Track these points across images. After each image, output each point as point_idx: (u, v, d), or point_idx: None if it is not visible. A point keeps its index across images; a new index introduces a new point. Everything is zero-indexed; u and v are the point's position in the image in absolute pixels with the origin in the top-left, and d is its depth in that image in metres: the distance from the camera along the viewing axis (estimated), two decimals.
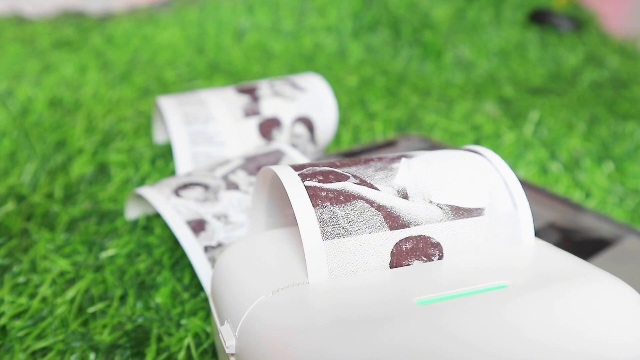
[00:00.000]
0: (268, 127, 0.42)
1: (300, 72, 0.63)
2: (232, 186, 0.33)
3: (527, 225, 0.25)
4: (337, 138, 0.50)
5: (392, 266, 0.22)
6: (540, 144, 0.48)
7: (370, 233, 0.22)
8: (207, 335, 0.29)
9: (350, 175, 0.24)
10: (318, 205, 0.22)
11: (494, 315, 0.19)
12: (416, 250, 0.23)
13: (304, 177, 0.23)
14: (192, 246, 0.30)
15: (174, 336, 0.29)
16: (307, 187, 0.23)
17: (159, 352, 0.28)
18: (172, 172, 0.42)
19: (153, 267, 0.33)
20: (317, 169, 0.24)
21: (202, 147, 0.40)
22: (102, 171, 0.43)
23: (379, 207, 0.23)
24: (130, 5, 0.85)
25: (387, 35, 0.73)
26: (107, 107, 0.54)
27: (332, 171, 0.24)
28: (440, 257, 0.23)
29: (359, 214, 0.23)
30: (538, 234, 0.36)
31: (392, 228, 0.23)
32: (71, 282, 0.32)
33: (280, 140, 0.41)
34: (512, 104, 0.57)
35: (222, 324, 0.22)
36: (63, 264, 0.33)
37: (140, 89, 0.58)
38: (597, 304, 0.20)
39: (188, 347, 0.28)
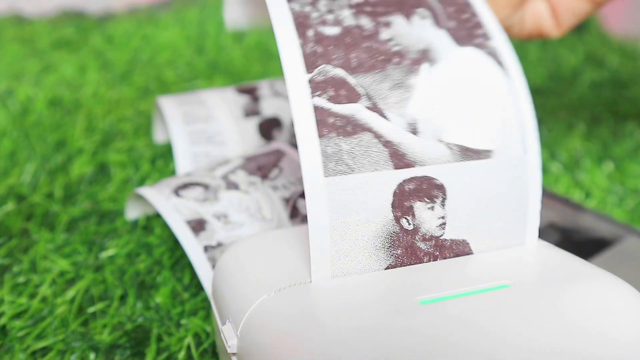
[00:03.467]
0: (268, 127, 0.42)
1: None
2: (232, 186, 0.33)
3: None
4: None
5: (393, 207, 0.22)
6: (540, 144, 0.48)
7: (374, 171, 0.22)
8: (207, 335, 0.29)
9: (363, 94, 0.22)
10: (323, 135, 0.21)
11: (496, 315, 0.19)
12: (419, 191, 0.22)
13: (314, 86, 0.21)
14: (192, 246, 0.30)
15: (174, 336, 0.29)
16: (315, 108, 0.21)
17: (159, 352, 0.28)
18: (172, 172, 0.42)
19: (153, 267, 0.33)
20: (330, 72, 0.22)
21: (202, 147, 0.40)
22: (102, 171, 0.43)
23: (386, 143, 0.22)
24: (130, 5, 0.85)
25: None
26: (107, 107, 0.54)
27: (345, 82, 0.22)
28: (444, 200, 0.22)
29: (364, 149, 0.22)
30: (538, 234, 0.36)
31: (396, 167, 0.22)
32: (71, 282, 0.32)
33: (280, 140, 0.41)
34: None
35: (223, 323, 0.22)
36: (63, 264, 0.33)
37: (140, 89, 0.58)
38: (599, 304, 0.20)
39: (188, 347, 0.28)
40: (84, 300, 0.31)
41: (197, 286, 0.32)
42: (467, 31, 0.24)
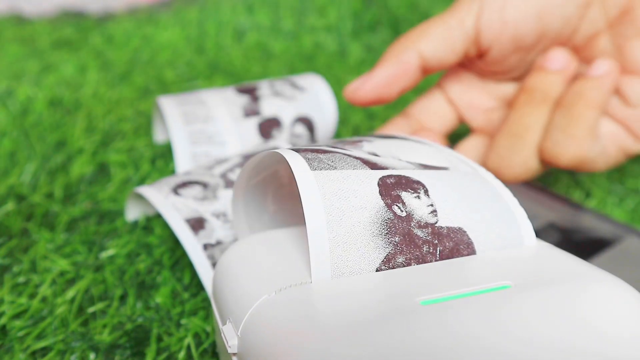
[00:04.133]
0: (268, 127, 0.42)
1: (300, 72, 0.63)
2: (231, 184, 0.33)
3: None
4: (337, 138, 0.50)
5: (382, 195, 0.23)
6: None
7: (353, 169, 0.23)
8: (207, 334, 0.29)
9: (325, 146, 0.25)
10: (300, 152, 0.24)
11: (497, 315, 0.19)
12: (400, 184, 0.23)
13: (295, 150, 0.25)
14: (191, 244, 0.30)
15: (174, 336, 0.29)
16: (291, 149, 0.24)
17: (159, 352, 0.28)
18: (172, 172, 0.42)
19: (153, 267, 0.33)
20: (300, 148, 0.25)
21: (202, 147, 0.40)
22: (102, 171, 0.43)
23: (356, 157, 0.24)
24: (130, 5, 0.85)
25: (387, 35, 0.73)
26: (107, 107, 0.54)
27: (310, 147, 0.25)
28: (426, 192, 0.24)
29: (339, 158, 0.24)
30: (538, 234, 0.36)
31: (372, 169, 0.24)
32: (71, 282, 0.32)
33: (280, 140, 0.41)
34: None
35: (224, 323, 0.22)
36: (63, 264, 0.33)
37: (140, 89, 0.58)
38: (599, 304, 0.20)
39: (188, 347, 0.28)
40: (84, 300, 0.31)
41: (197, 286, 0.32)
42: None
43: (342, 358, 0.17)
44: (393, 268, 0.22)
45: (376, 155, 0.25)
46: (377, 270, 0.22)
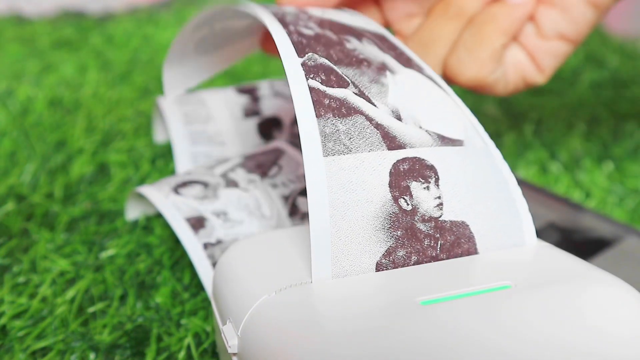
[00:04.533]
0: (268, 127, 0.42)
1: None
2: (231, 184, 0.33)
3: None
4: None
5: (391, 187, 0.22)
6: (540, 144, 0.48)
7: (369, 151, 0.22)
8: (207, 334, 0.29)
9: (350, 82, 0.23)
10: (321, 115, 0.22)
11: (498, 315, 0.19)
12: (413, 171, 0.23)
13: (307, 70, 0.23)
14: (191, 243, 0.30)
15: (174, 336, 0.29)
16: (310, 89, 0.22)
17: (159, 352, 0.28)
18: (172, 172, 0.42)
19: (153, 267, 0.33)
20: (318, 60, 0.23)
21: (202, 147, 0.40)
22: (102, 171, 0.43)
23: (377, 126, 0.23)
24: (130, 5, 0.85)
25: None
26: (107, 107, 0.54)
27: (332, 70, 0.23)
28: (437, 180, 0.23)
29: (359, 130, 0.23)
30: (538, 234, 0.35)
31: (389, 148, 0.23)
32: (71, 282, 0.32)
33: (281, 140, 0.41)
34: (512, 104, 0.57)
35: (224, 323, 0.22)
36: (63, 264, 0.33)
37: (140, 89, 0.58)
38: (600, 305, 0.20)
39: (188, 347, 0.28)
40: (84, 300, 0.31)
41: (197, 286, 0.32)
42: (404, 60, 0.27)
43: (342, 358, 0.17)
44: (393, 262, 0.22)
45: (399, 116, 0.24)
46: (377, 264, 0.22)
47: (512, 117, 0.53)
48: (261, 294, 0.21)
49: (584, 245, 0.34)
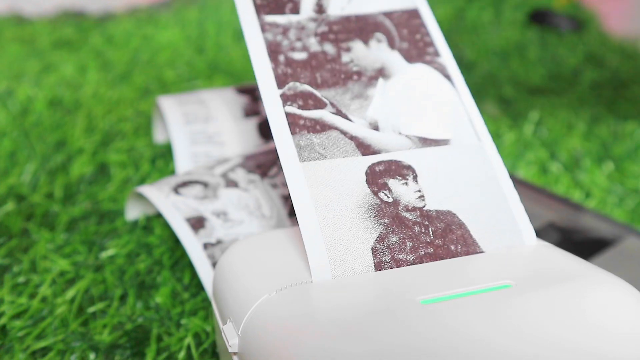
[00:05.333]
0: (268, 127, 0.42)
1: None
2: (231, 184, 0.33)
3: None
4: None
5: (368, 183, 0.24)
6: (540, 144, 0.48)
7: (344, 157, 0.24)
8: (207, 334, 0.29)
9: (328, 103, 0.25)
10: (296, 132, 0.24)
11: (498, 314, 0.19)
12: (389, 171, 0.24)
13: (285, 98, 0.25)
14: (191, 243, 0.30)
15: (174, 336, 0.29)
16: (287, 114, 0.25)
17: (159, 352, 0.28)
18: (172, 172, 0.42)
19: (153, 267, 0.33)
20: (298, 88, 0.25)
21: (201, 147, 0.40)
22: (102, 171, 0.43)
23: (352, 137, 0.25)
24: (130, 5, 0.85)
25: None
26: (107, 107, 0.54)
27: (312, 94, 0.25)
28: (415, 177, 0.24)
29: (333, 142, 0.24)
30: (538, 234, 0.35)
31: (364, 154, 0.24)
32: (71, 282, 0.32)
33: None
34: (512, 104, 0.57)
35: (224, 323, 0.22)
36: (63, 264, 0.33)
37: (140, 89, 0.58)
38: (600, 304, 0.20)
39: (188, 347, 0.28)
40: (84, 300, 0.31)
41: (197, 286, 0.32)
42: (418, 50, 0.28)
43: (342, 356, 0.17)
44: (389, 247, 0.23)
45: (377, 127, 0.25)
46: (372, 249, 0.22)
47: (512, 117, 0.53)
48: (262, 293, 0.21)
49: (584, 245, 0.34)
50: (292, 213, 0.32)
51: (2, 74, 0.61)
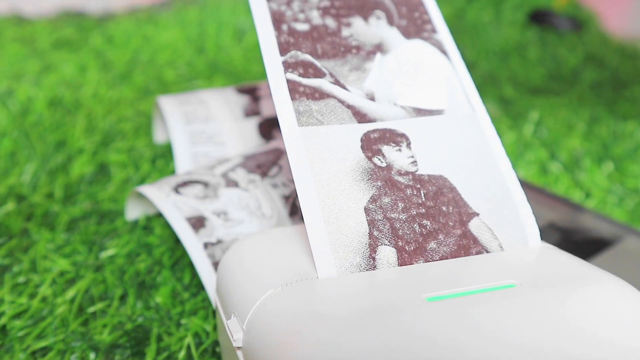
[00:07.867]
0: (268, 127, 0.42)
1: None
2: (232, 184, 0.33)
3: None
4: None
5: (363, 149, 0.25)
6: (540, 144, 0.48)
7: (340, 124, 0.25)
8: (207, 334, 0.29)
9: (327, 73, 0.26)
10: (296, 98, 0.25)
11: (502, 313, 0.19)
12: (384, 138, 0.25)
13: (287, 66, 0.26)
14: (191, 243, 0.30)
15: (174, 336, 0.29)
16: (288, 81, 0.26)
17: (159, 352, 0.28)
18: (172, 172, 0.42)
19: (153, 267, 0.33)
20: (300, 57, 0.26)
21: (202, 147, 0.40)
22: (102, 171, 0.43)
23: (349, 106, 0.26)
24: (130, 5, 0.85)
25: None
26: (107, 107, 0.54)
27: (312, 64, 0.26)
28: (409, 144, 0.25)
29: (331, 109, 0.26)
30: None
31: (360, 122, 0.26)
32: (71, 282, 0.32)
33: (280, 140, 0.41)
34: (512, 103, 0.57)
35: (228, 318, 0.22)
36: (63, 264, 0.33)
37: (140, 89, 0.58)
38: (602, 304, 0.20)
39: (188, 347, 0.28)
40: (84, 300, 0.31)
41: (197, 286, 0.32)
42: (416, 27, 0.29)
43: (347, 352, 0.17)
44: (381, 207, 0.24)
45: (373, 97, 0.26)
46: (365, 209, 0.23)
47: (512, 117, 0.53)
48: (267, 288, 0.21)
49: (584, 245, 0.34)
50: (292, 213, 0.32)
51: (2, 74, 0.61)
